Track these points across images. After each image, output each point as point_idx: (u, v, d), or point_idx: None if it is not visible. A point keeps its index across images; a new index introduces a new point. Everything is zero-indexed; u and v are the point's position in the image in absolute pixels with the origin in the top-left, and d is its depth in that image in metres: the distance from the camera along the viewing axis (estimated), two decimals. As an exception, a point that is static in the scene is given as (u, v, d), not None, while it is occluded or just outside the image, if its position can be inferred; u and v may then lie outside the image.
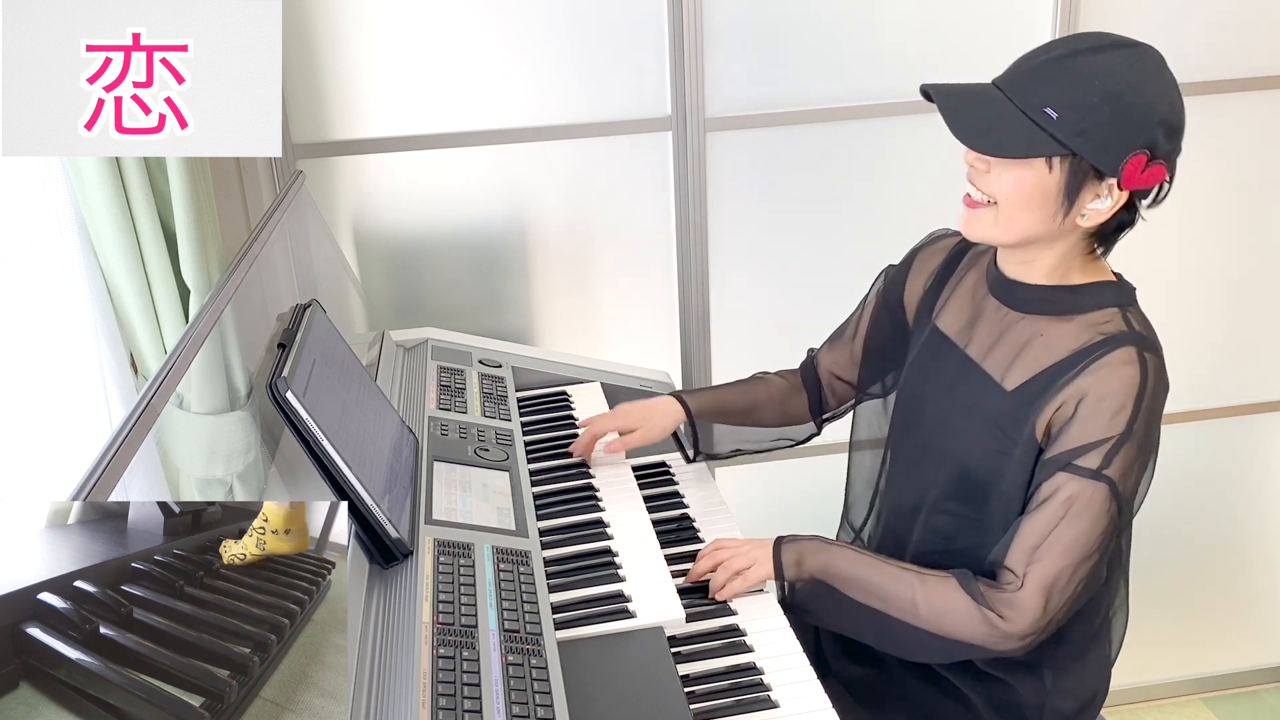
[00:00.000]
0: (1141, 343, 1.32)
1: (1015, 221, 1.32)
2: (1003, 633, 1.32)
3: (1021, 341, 1.39)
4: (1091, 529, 1.30)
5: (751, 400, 1.73)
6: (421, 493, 1.41)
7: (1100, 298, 1.37)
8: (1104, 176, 1.28)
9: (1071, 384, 1.31)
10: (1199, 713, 2.71)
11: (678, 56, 2.11)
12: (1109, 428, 1.29)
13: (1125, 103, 1.25)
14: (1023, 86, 1.29)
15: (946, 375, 1.47)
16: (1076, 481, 1.29)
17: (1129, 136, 1.26)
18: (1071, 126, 1.25)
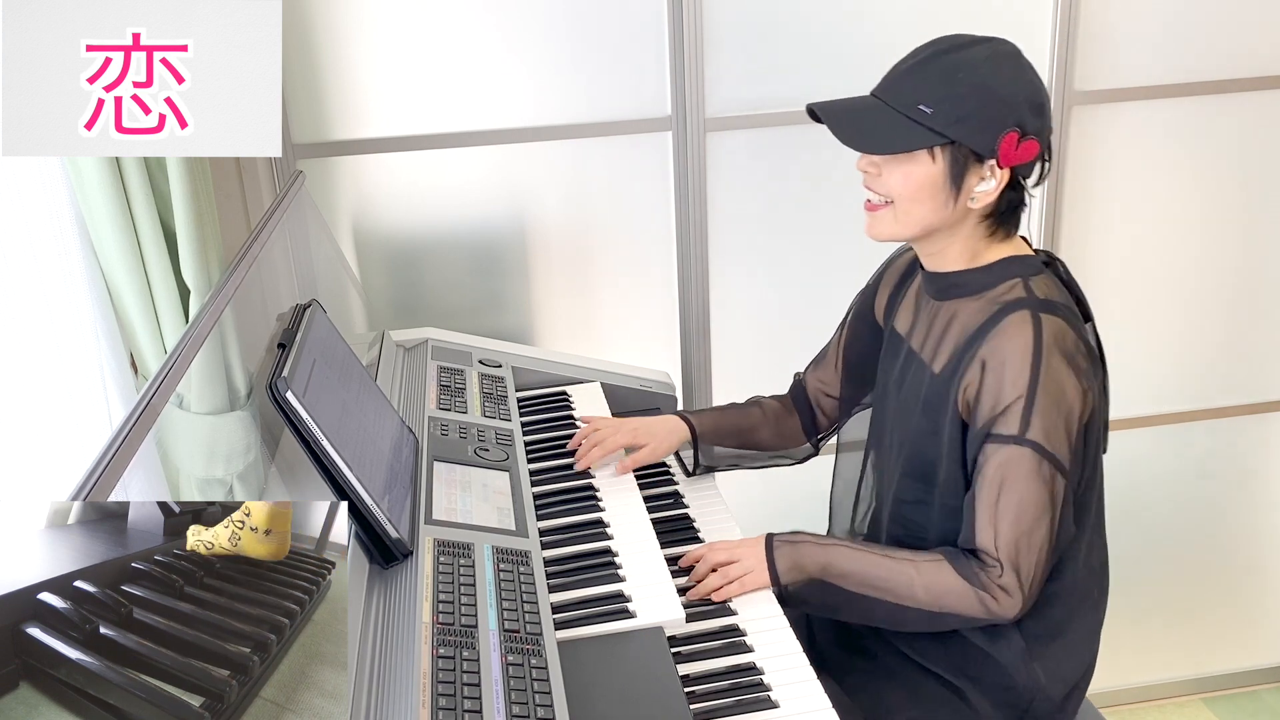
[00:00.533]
0: (1036, 305, 1.38)
1: (912, 215, 1.41)
2: (995, 610, 1.39)
3: (943, 326, 1.47)
4: (1029, 491, 1.35)
5: (749, 422, 1.78)
6: (421, 493, 1.41)
7: (1004, 272, 1.43)
8: (984, 159, 1.37)
9: (975, 357, 1.39)
10: (1199, 713, 2.71)
11: (678, 56, 2.11)
12: (1012, 391, 1.35)
13: (991, 89, 1.36)
14: (897, 90, 1.40)
15: (898, 369, 1.56)
16: (1002, 450, 1.36)
17: (999, 118, 1.35)
18: (946, 117, 1.35)
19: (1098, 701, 2.47)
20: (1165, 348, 2.47)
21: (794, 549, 1.47)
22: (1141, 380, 2.48)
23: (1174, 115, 2.29)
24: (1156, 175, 2.33)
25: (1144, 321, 2.44)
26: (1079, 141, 2.27)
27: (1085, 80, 2.23)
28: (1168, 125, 2.30)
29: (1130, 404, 2.49)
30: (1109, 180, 2.32)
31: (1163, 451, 2.55)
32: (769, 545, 1.49)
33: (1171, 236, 2.38)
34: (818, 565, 1.46)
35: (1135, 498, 2.57)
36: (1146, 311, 2.43)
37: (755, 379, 2.33)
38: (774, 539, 1.49)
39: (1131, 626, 2.67)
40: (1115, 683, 2.70)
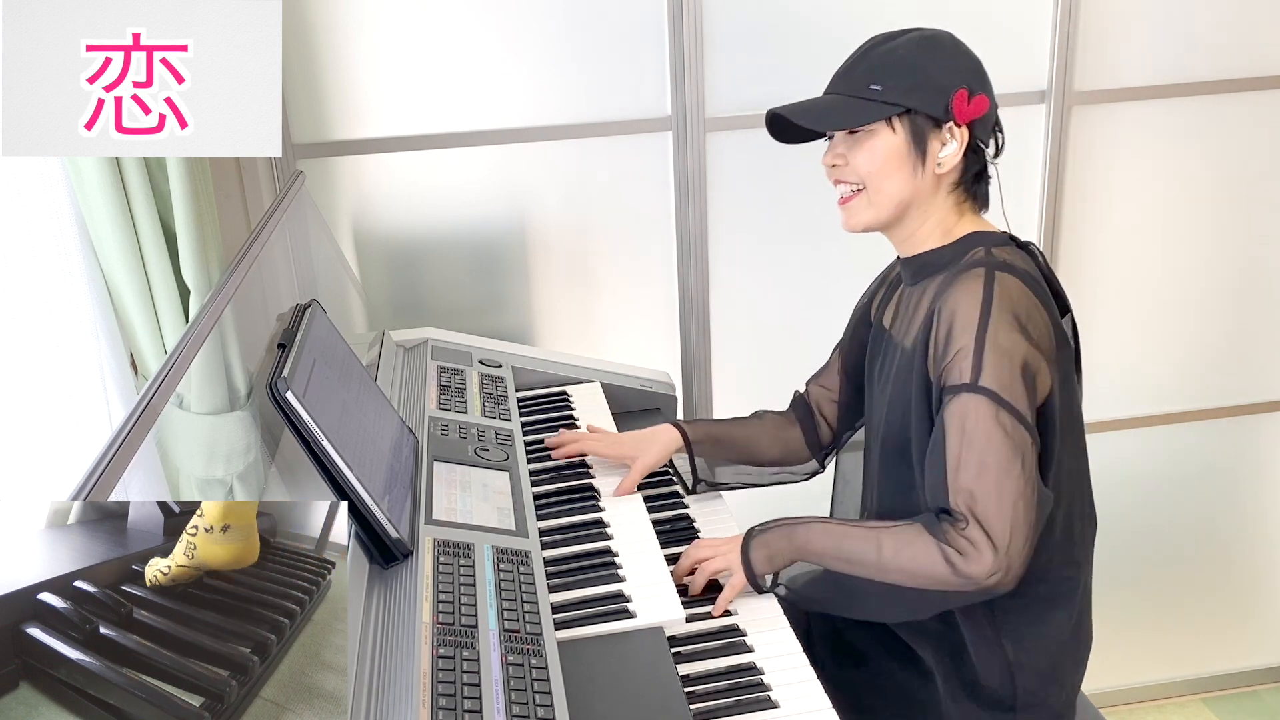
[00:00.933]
0: (992, 264, 1.40)
1: (884, 192, 1.45)
2: (967, 573, 1.32)
3: (914, 304, 1.50)
4: (990, 442, 1.33)
5: (749, 434, 1.75)
6: (421, 493, 1.41)
7: (969, 243, 1.46)
8: (940, 124, 1.42)
9: (938, 315, 1.41)
10: (1199, 713, 2.71)
11: (678, 56, 2.11)
12: (962, 338, 1.36)
13: (933, 59, 1.43)
14: (846, 80, 1.47)
15: (881, 361, 1.58)
16: (957, 400, 1.35)
17: (946, 81, 1.42)
18: (897, 88, 1.42)
19: (1098, 701, 2.47)
20: (1165, 348, 2.47)
21: (769, 536, 1.47)
22: (1141, 380, 2.48)
23: (1174, 115, 2.29)
24: (1156, 175, 2.33)
25: (1143, 321, 2.44)
26: (1079, 141, 2.27)
27: (1085, 80, 2.23)
28: (1168, 125, 2.30)
29: (1130, 404, 2.49)
30: (1109, 180, 2.32)
31: (1162, 451, 2.55)
32: (746, 542, 1.47)
33: (1171, 236, 2.38)
34: (793, 547, 1.45)
35: (1135, 498, 2.57)
36: (1146, 311, 2.43)
37: (755, 379, 2.34)
38: (751, 535, 1.48)
39: (1132, 626, 2.67)
40: (1115, 683, 2.70)
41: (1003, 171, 1.53)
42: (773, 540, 1.46)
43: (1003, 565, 1.31)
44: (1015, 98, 2.22)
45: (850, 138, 1.45)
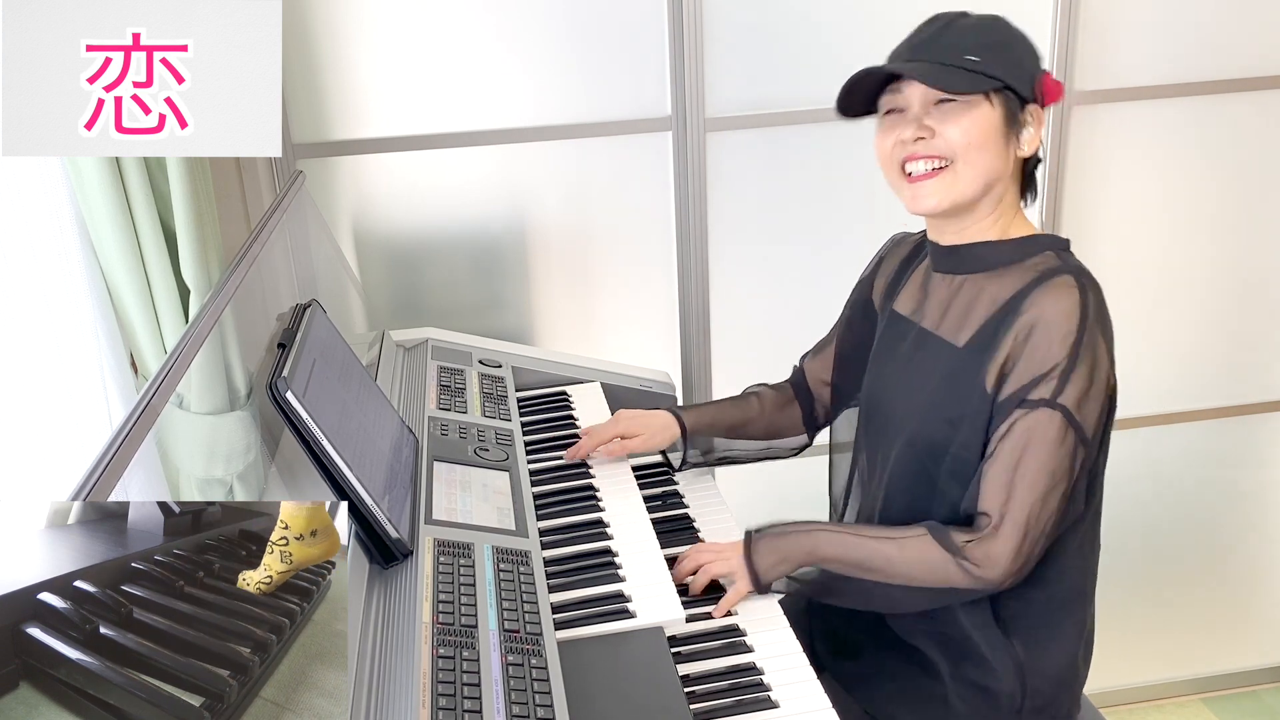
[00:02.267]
0: (1079, 273, 1.37)
1: (976, 168, 1.39)
2: (978, 578, 1.36)
3: (969, 300, 1.44)
4: (1051, 457, 1.33)
5: (743, 416, 1.77)
6: (421, 493, 1.41)
7: (1035, 245, 1.43)
8: (1024, 104, 1.40)
9: (1014, 323, 1.36)
10: (1199, 713, 2.71)
11: (678, 56, 2.11)
12: (1055, 355, 1.33)
13: (1014, 39, 1.40)
14: (937, 49, 1.39)
15: (905, 350, 1.52)
16: (1031, 415, 1.33)
17: (1030, 62, 1.40)
18: (994, 62, 1.37)
19: (1098, 701, 2.47)
20: (1165, 348, 2.46)
21: (776, 542, 1.47)
22: (1141, 380, 2.48)
23: (1174, 115, 2.29)
24: (1156, 175, 2.33)
25: (1144, 321, 2.44)
26: (1079, 141, 2.27)
27: (1085, 80, 2.23)
28: (1168, 125, 2.29)
29: (1130, 404, 2.48)
30: (1109, 180, 2.32)
31: (1163, 451, 2.55)
32: (747, 546, 1.47)
33: (1171, 236, 2.38)
34: (803, 552, 1.45)
35: (1135, 497, 2.57)
36: (1146, 311, 2.43)
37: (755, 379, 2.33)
38: (752, 538, 1.48)
39: (1132, 626, 2.67)
40: (1115, 683, 2.70)
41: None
42: (780, 546, 1.46)
43: (1012, 576, 1.36)
44: (1015, 98, 2.22)
45: (939, 110, 1.38)
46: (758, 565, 1.45)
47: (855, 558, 1.42)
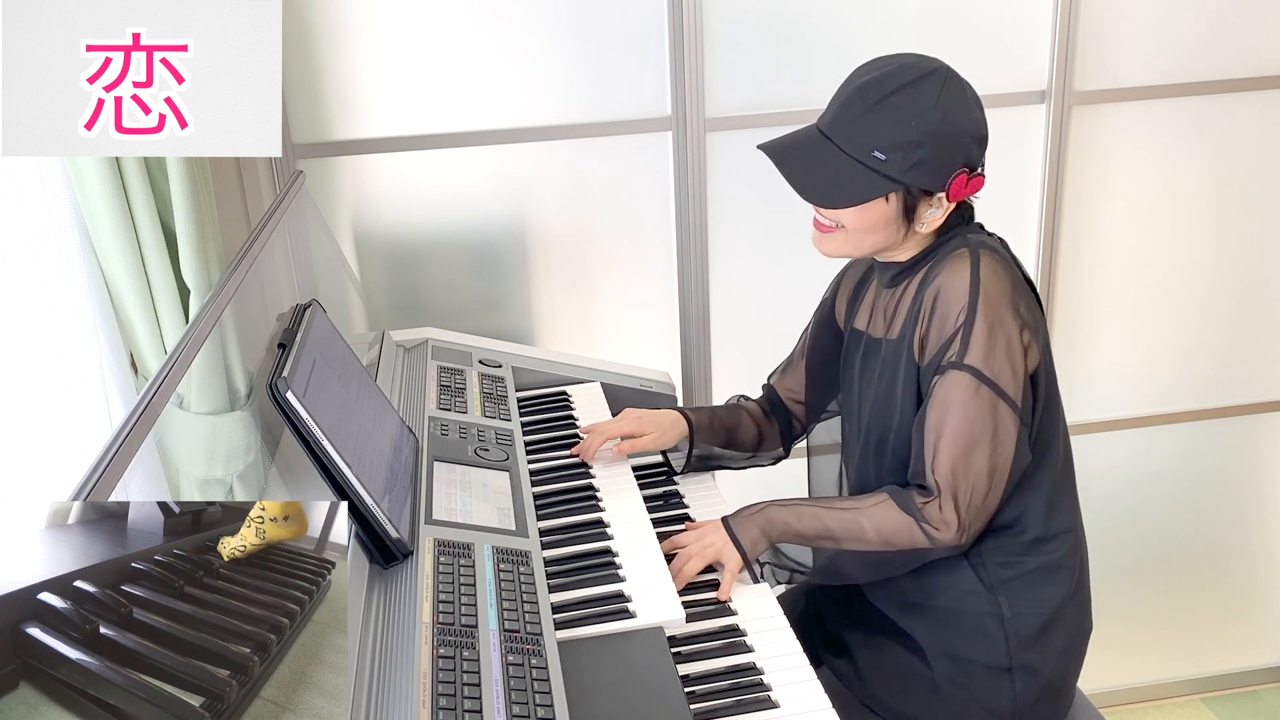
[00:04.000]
0: (976, 245, 1.45)
1: (865, 242, 1.49)
2: (936, 539, 1.44)
3: (896, 302, 1.54)
4: (965, 416, 1.41)
5: (736, 422, 1.81)
6: (421, 493, 1.41)
7: (943, 238, 1.50)
8: (931, 194, 1.44)
9: (924, 298, 1.46)
10: (1199, 713, 2.71)
11: (678, 56, 2.11)
12: (955, 320, 1.42)
13: (942, 133, 1.40)
14: (849, 134, 1.43)
15: (862, 361, 1.61)
16: (944, 378, 1.42)
17: (950, 160, 1.41)
18: (900, 164, 1.40)
19: (1098, 701, 2.47)
20: (1165, 347, 2.47)
21: (751, 520, 1.52)
22: (1141, 380, 2.48)
23: (1174, 115, 2.29)
24: (1156, 175, 2.33)
25: (1143, 321, 2.44)
26: (1079, 141, 2.27)
27: (1085, 80, 2.23)
28: (1168, 125, 2.29)
29: (1130, 404, 2.49)
30: (1109, 180, 2.32)
31: (1162, 451, 2.55)
32: (728, 526, 1.52)
33: (1171, 236, 2.38)
34: (778, 529, 1.51)
35: (1135, 497, 2.57)
36: (1146, 311, 2.43)
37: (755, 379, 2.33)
38: (729, 520, 1.53)
39: (1132, 626, 2.67)
40: (1115, 683, 2.70)
41: (1003, 172, 1.54)
42: (758, 522, 1.52)
43: (965, 532, 1.44)
44: (1015, 98, 2.22)
45: None
46: (743, 541, 1.50)
47: (825, 527, 1.49)
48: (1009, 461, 1.43)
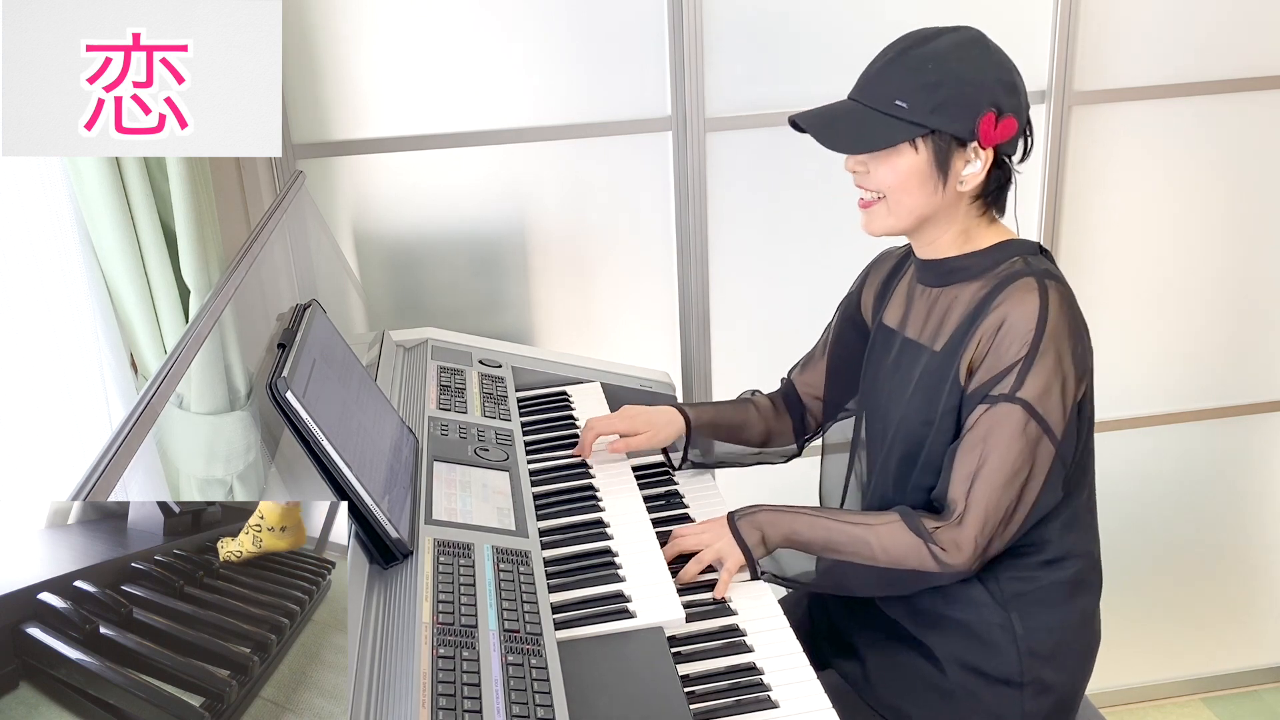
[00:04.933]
0: (1042, 274, 1.42)
1: (904, 205, 1.44)
2: (945, 563, 1.42)
3: (945, 308, 1.50)
4: (1010, 449, 1.39)
5: (743, 419, 1.79)
6: (421, 493, 1.41)
7: (1002, 253, 1.47)
8: (965, 143, 1.41)
9: (981, 324, 1.42)
10: (1199, 713, 2.71)
11: (678, 56, 2.11)
12: (1016, 352, 1.39)
13: (961, 75, 1.39)
14: (871, 91, 1.44)
15: (891, 360, 1.57)
16: (994, 409, 1.40)
17: (974, 101, 1.39)
18: (922, 108, 1.39)
19: (1098, 701, 2.47)
20: (1165, 348, 2.46)
21: (755, 521, 1.51)
22: (1142, 380, 2.48)
23: (1174, 115, 2.29)
24: (1156, 175, 2.33)
25: (1144, 321, 2.44)
26: (1079, 141, 2.27)
27: (1085, 80, 2.23)
28: (1168, 125, 2.30)
29: (1130, 404, 2.49)
30: (1109, 180, 2.32)
31: (1163, 451, 2.55)
32: (732, 523, 1.52)
33: (1171, 236, 2.38)
34: (781, 535, 1.50)
35: (1135, 497, 2.57)
36: (1146, 311, 2.43)
37: (755, 379, 2.33)
38: (734, 516, 1.53)
39: (1131, 626, 2.67)
40: (1115, 683, 2.70)
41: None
42: (761, 523, 1.51)
43: (977, 560, 1.42)
44: (1015, 98, 2.22)
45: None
46: (747, 540, 1.50)
47: (831, 540, 1.48)
48: (1036, 495, 1.41)
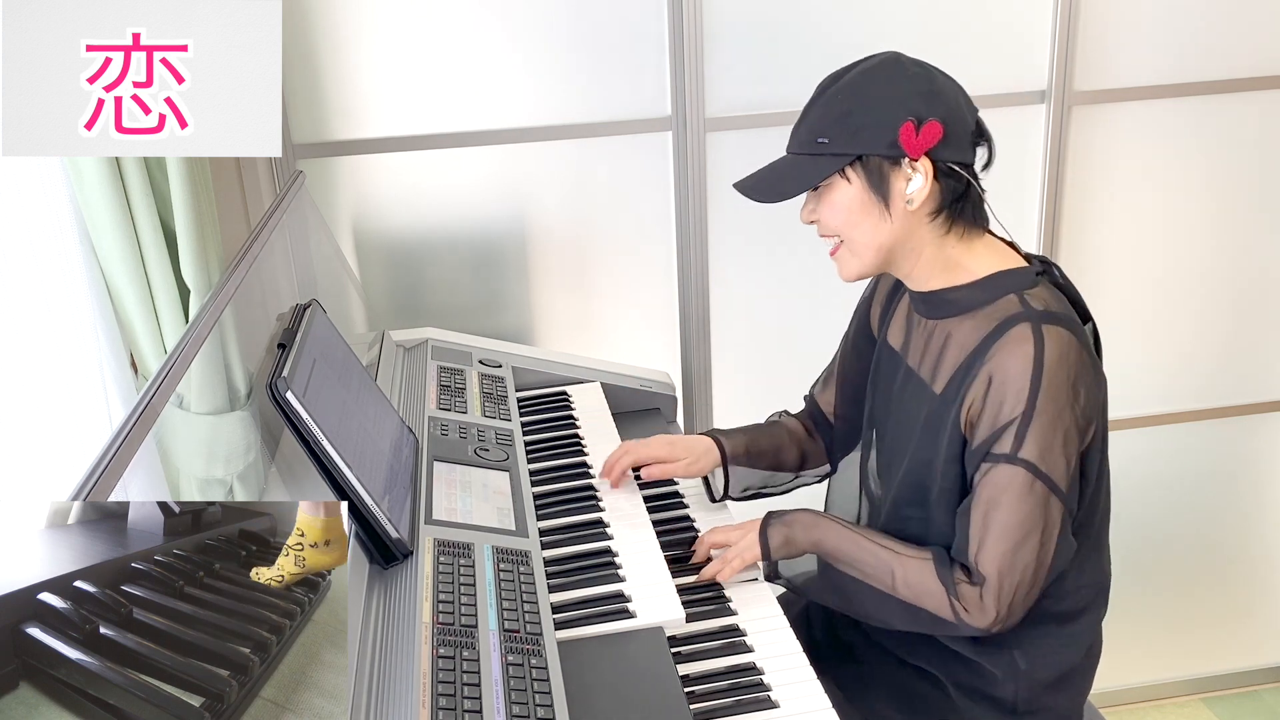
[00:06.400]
0: (1037, 318, 1.34)
1: (859, 241, 1.40)
2: (964, 621, 1.38)
3: (940, 345, 1.44)
4: (1017, 511, 1.33)
5: (776, 442, 1.73)
6: (421, 493, 1.41)
7: (997, 287, 1.40)
8: (898, 160, 1.35)
9: (977, 375, 1.36)
10: (1199, 713, 2.71)
11: (678, 56, 2.11)
12: (1013, 410, 1.32)
13: (873, 95, 1.36)
14: (798, 137, 1.42)
15: (895, 386, 1.53)
16: (996, 469, 1.34)
17: (889, 116, 1.34)
18: (842, 137, 1.36)
19: (1098, 701, 2.47)
20: (1165, 348, 2.47)
21: (787, 524, 1.50)
22: (1141, 380, 2.48)
23: (1174, 115, 2.29)
24: (1156, 175, 2.33)
25: (1144, 321, 2.44)
26: (1079, 141, 2.27)
27: (1085, 80, 2.23)
28: (1168, 125, 2.30)
29: (1130, 404, 2.49)
30: (1109, 180, 2.32)
31: (1163, 451, 2.55)
32: (764, 523, 1.51)
33: (1171, 236, 2.38)
34: (809, 540, 1.48)
35: (1135, 498, 2.57)
36: (1146, 311, 2.43)
37: (755, 379, 2.34)
38: (771, 517, 1.51)
39: (1131, 626, 2.67)
40: (1115, 683, 2.70)
41: (1003, 172, 1.51)
42: (793, 527, 1.49)
43: (1000, 623, 1.37)
44: (1015, 98, 2.22)
45: (815, 194, 1.42)
46: (771, 540, 1.49)
47: (857, 558, 1.44)
48: (1053, 551, 1.36)
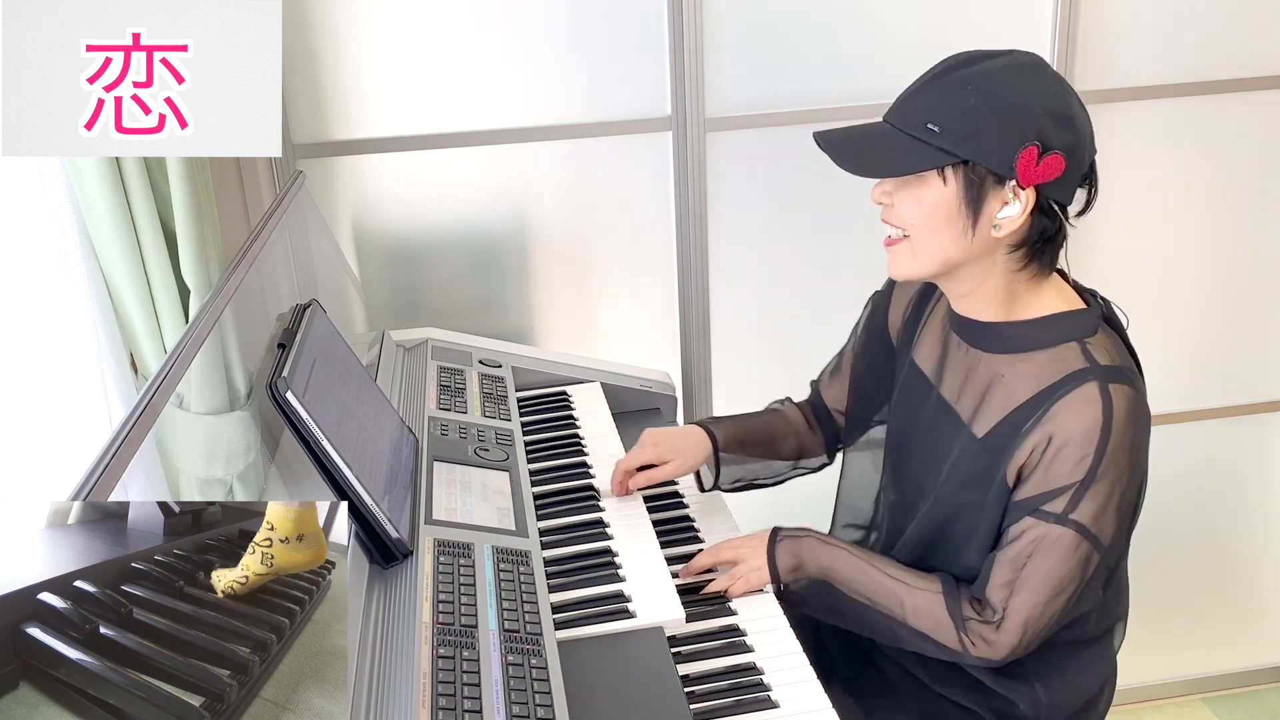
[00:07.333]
0: (1105, 376, 1.26)
1: (929, 246, 1.28)
2: (972, 653, 1.36)
3: (985, 383, 1.36)
4: (1059, 567, 1.30)
5: (772, 432, 1.69)
6: (421, 493, 1.41)
7: (1056, 331, 1.32)
8: (1004, 180, 1.24)
9: (1035, 430, 1.28)
10: (1199, 713, 2.71)
11: (678, 56, 2.11)
12: (1073, 474, 1.26)
13: (1004, 100, 1.22)
14: (904, 111, 1.28)
15: (925, 416, 1.45)
16: (1043, 526, 1.29)
17: (1015, 131, 1.21)
18: (955, 134, 1.22)
19: (1098, 701, 2.47)
20: (1165, 348, 2.46)
21: (797, 546, 1.46)
22: (1141, 380, 2.48)
23: (1174, 115, 2.29)
24: (1156, 175, 2.33)
25: (1143, 322, 2.43)
26: (1079, 141, 2.27)
27: (1085, 80, 2.23)
28: (1168, 125, 2.29)
29: (1130, 404, 2.49)
30: (1108, 180, 2.30)
31: (1163, 451, 2.53)
32: (772, 542, 1.47)
33: (1171, 236, 2.38)
34: (819, 567, 1.45)
35: (1135, 498, 2.57)
36: (1146, 311, 2.43)
37: (755, 379, 2.33)
38: (779, 535, 1.48)
39: (1132, 626, 2.65)
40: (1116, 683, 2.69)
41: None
42: (803, 551, 1.46)
43: (1007, 660, 1.36)
44: (1015, 98, 2.22)
45: (900, 179, 1.28)
46: (780, 563, 1.46)
47: (866, 588, 1.42)
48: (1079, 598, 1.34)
